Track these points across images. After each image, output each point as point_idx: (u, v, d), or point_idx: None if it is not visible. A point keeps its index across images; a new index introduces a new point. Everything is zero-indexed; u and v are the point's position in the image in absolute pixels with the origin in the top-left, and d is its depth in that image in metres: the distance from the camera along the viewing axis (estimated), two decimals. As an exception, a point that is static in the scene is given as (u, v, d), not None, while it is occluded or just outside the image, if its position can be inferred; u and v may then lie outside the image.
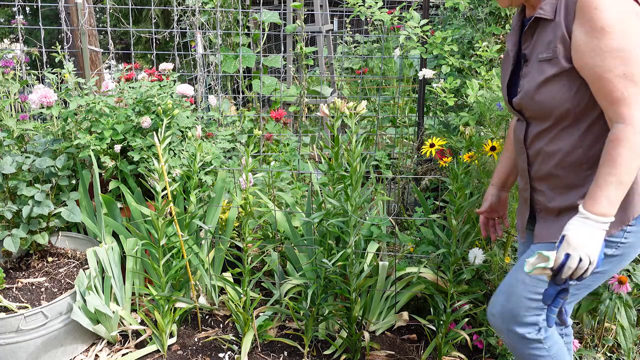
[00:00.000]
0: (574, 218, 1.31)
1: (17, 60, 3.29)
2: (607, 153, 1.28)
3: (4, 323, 2.15)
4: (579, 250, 1.28)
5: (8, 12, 8.18)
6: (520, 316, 1.52)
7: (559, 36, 1.35)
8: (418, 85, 3.28)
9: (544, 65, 1.39)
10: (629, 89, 1.26)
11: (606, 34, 1.26)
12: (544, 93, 1.40)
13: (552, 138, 1.43)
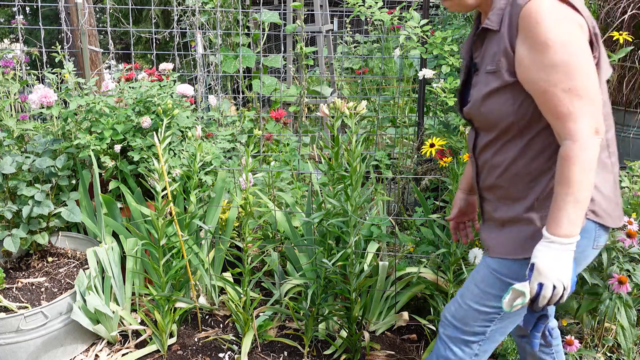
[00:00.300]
0: (540, 243, 1.28)
1: (17, 60, 3.29)
2: (560, 172, 1.26)
3: (4, 323, 2.15)
4: (550, 278, 1.25)
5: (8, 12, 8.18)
6: (468, 325, 1.52)
7: (502, 49, 1.32)
8: (418, 85, 3.28)
9: (489, 77, 1.37)
10: (575, 103, 1.23)
11: (549, 48, 1.23)
12: (489, 105, 1.38)
13: (498, 150, 1.42)
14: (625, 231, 2.06)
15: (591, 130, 1.24)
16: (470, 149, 1.53)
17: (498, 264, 1.46)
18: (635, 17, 2.89)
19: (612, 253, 2.10)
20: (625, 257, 2.11)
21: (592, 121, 1.24)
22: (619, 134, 3.05)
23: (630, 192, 2.55)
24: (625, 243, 2.06)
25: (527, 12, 1.26)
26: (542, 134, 1.34)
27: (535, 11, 1.24)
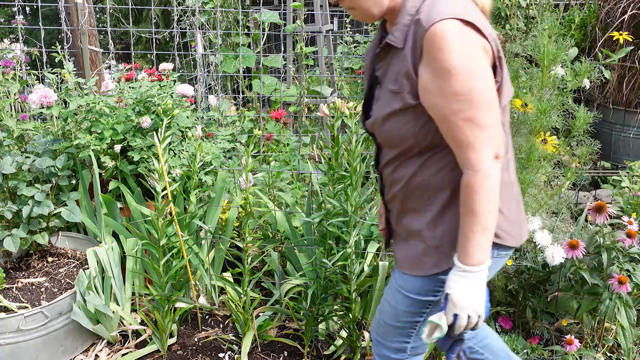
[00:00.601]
0: (453, 273, 1.28)
1: (17, 60, 3.29)
2: (466, 203, 1.25)
3: (4, 323, 2.15)
4: (465, 309, 1.26)
5: (8, 12, 8.18)
6: (388, 341, 1.53)
7: (405, 71, 1.26)
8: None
9: (392, 97, 1.31)
10: (475, 134, 1.21)
11: (452, 76, 1.18)
12: (390, 125, 1.34)
13: (398, 165, 1.39)
14: (625, 231, 2.06)
15: (492, 158, 1.23)
16: (374, 162, 1.50)
17: (402, 279, 1.46)
18: (635, 17, 2.89)
19: (612, 253, 2.10)
20: (625, 257, 2.11)
21: (493, 149, 1.23)
22: (619, 134, 3.06)
23: (630, 192, 2.55)
24: (625, 243, 2.06)
25: (431, 35, 1.19)
26: (442, 152, 1.32)
27: (440, 35, 1.18)
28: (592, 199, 3.28)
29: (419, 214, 1.40)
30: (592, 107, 3.04)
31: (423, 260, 1.40)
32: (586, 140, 2.14)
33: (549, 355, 2.29)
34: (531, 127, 2.14)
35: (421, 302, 1.44)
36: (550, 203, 2.25)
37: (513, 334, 2.31)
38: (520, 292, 2.37)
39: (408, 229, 1.43)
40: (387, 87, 1.33)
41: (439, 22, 1.19)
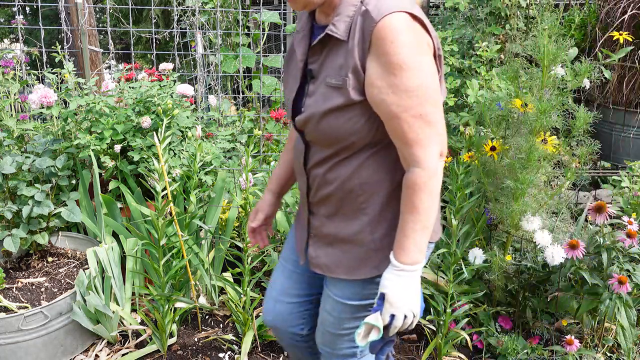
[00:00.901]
0: (388, 271, 1.25)
1: (17, 60, 3.29)
2: (409, 200, 1.22)
3: (4, 323, 2.15)
4: (402, 309, 1.23)
5: (8, 12, 8.18)
6: (337, 349, 1.50)
7: (352, 66, 1.20)
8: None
9: (332, 91, 1.24)
10: (425, 130, 1.19)
11: (403, 72, 1.15)
12: (328, 122, 1.26)
13: (332, 166, 1.32)
14: (625, 231, 2.06)
15: (438, 156, 1.22)
16: (301, 162, 1.39)
17: (337, 288, 1.42)
18: (635, 17, 2.89)
19: (612, 253, 2.10)
20: (625, 257, 2.11)
21: (439, 146, 1.21)
22: (619, 134, 3.06)
23: (630, 192, 2.55)
24: (625, 243, 2.06)
25: (382, 29, 1.15)
26: (380, 153, 1.29)
27: (391, 29, 1.14)
28: (592, 199, 3.28)
29: (352, 218, 1.34)
30: (592, 107, 3.04)
31: (362, 264, 1.35)
32: (586, 140, 2.14)
33: (549, 355, 2.29)
34: (531, 127, 2.14)
35: (363, 306, 1.41)
36: (550, 203, 2.25)
37: (513, 334, 2.31)
38: (520, 292, 2.37)
39: (336, 234, 1.37)
40: (326, 81, 1.25)
41: (390, 15, 1.15)
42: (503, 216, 2.24)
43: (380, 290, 1.25)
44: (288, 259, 1.61)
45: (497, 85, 2.37)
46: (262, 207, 1.66)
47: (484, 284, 2.40)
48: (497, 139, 2.24)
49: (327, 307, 1.47)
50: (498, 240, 2.41)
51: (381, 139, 1.27)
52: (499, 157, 2.22)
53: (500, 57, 2.74)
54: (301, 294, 1.60)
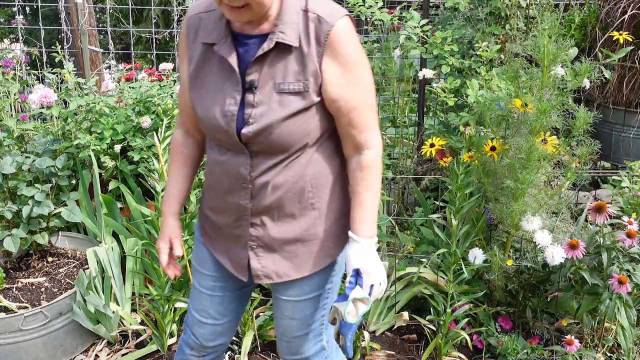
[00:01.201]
0: (354, 249, 1.33)
1: (17, 60, 3.29)
2: (366, 180, 1.35)
3: (4, 323, 2.15)
4: (377, 277, 1.32)
5: (8, 12, 8.18)
6: (307, 351, 1.52)
7: (312, 70, 1.26)
8: (418, 85, 3.28)
9: (289, 98, 1.27)
10: (373, 116, 1.36)
11: (357, 67, 1.29)
12: (287, 128, 1.28)
13: (281, 171, 1.33)
14: (625, 231, 2.06)
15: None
16: (245, 176, 1.34)
17: (294, 289, 1.44)
18: (635, 17, 2.89)
19: (612, 253, 2.10)
20: (625, 257, 2.11)
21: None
22: (619, 134, 3.05)
23: (630, 192, 2.55)
24: (625, 243, 2.06)
25: (338, 32, 1.25)
26: (323, 146, 1.37)
27: (345, 32, 1.26)
28: (592, 199, 3.28)
29: (301, 216, 1.38)
30: (592, 107, 3.04)
31: (317, 257, 1.41)
32: (586, 140, 2.14)
33: (549, 355, 2.29)
34: (531, 127, 2.14)
35: (321, 295, 1.47)
36: (550, 203, 2.25)
37: (513, 334, 2.31)
38: (520, 292, 2.37)
39: (284, 238, 1.39)
40: (279, 88, 1.27)
41: (342, 19, 1.26)
42: (503, 216, 2.24)
43: (354, 266, 1.33)
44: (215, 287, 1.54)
45: (497, 85, 2.37)
46: (174, 233, 1.52)
47: (484, 284, 2.40)
48: (497, 139, 2.24)
49: (286, 313, 1.48)
50: (498, 240, 2.41)
51: (324, 133, 1.36)
52: (499, 157, 2.22)
53: (500, 57, 2.74)
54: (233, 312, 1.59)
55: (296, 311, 1.47)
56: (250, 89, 1.29)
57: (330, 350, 1.57)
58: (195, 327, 1.58)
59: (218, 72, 1.33)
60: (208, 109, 1.33)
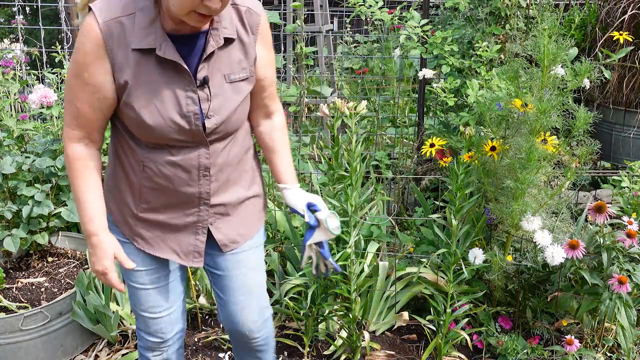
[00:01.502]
0: (295, 192, 1.61)
1: (17, 60, 3.29)
2: (283, 138, 1.64)
3: (4, 323, 2.15)
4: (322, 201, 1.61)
5: (8, 12, 8.18)
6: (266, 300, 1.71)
7: (252, 56, 1.44)
8: (418, 85, 3.28)
9: (240, 85, 1.43)
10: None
11: (272, 47, 1.52)
12: (240, 111, 1.46)
13: (232, 146, 1.50)
14: (625, 231, 2.06)
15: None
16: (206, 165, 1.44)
17: (252, 240, 1.63)
18: (635, 17, 2.89)
19: (612, 253, 2.10)
20: (625, 257, 2.11)
21: None
22: (619, 134, 3.05)
23: (630, 192, 2.55)
24: (625, 243, 2.06)
25: (264, 21, 1.45)
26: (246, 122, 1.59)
27: (266, 19, 1.47)
28: (592, 199, 3.28)
29: (241, 181, 1.57)
30: (592, 107, 3.03)
31: (262, 210, 1.67)
32: (586, 140, 2.14)
33: (549, 355, 2.29)
34: (531, 127, 2.14)
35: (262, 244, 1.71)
36: (550, 203, 2.24)
37: (513, 334, 2.31)
38: (520, 292, 2.37)
39: (234, 201, 1.56)
40: (230, 79, 1.41)
41: (262, 8, 1.47)
42: (503, 216, 2.24)
43: (305, 202, 1.59)
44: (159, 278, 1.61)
45: (497, 85, 2.37)
46: (115, 247, 1.48)
47: (484, 284, 2.40)
48: (497, 139, 2.24)
49: (251, 265, 1.63)
50: (498, 240, 2.41)
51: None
52: (499, 157, 2.22)
53: (500, 57, 2.74)
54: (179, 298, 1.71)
55: (259, 258, 1.67)
56: (202, 85, 1.37)
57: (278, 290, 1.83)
58: (151, 326, 1.67)
59: (160, 76, 1.34)
60: (162, 115, 1.36)
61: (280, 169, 1.63)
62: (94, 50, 1.32)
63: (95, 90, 1.36)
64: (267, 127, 1.62)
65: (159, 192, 1.47)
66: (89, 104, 1.38)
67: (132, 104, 1.36)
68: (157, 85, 1.35)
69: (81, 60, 1.33)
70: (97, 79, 1.34)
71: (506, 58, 2.70)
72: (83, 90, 1.36)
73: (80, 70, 1.34)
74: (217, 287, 1.66)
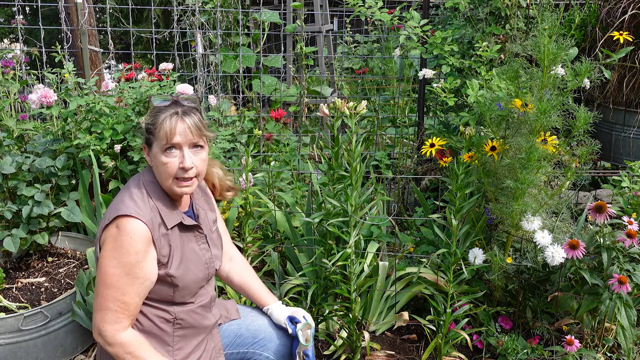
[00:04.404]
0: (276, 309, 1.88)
1: (17, 60, 3.29)
2: (249, 269, 2.01)
3: (4, 323, 2.15)
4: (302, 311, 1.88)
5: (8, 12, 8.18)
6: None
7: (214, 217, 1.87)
8: (418, 85, 3.28)
9: (217, 233, 1.87)
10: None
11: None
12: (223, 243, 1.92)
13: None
14: (626, 231, 2.06)
15: None
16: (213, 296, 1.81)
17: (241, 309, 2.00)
18: (635, 17, 2.89)
19: (612, 253, 2.10)
20: (625, 257, 2.11)
21: None
22: (619, 134, 3.05)
23: (631, 192, 2.54)
24: (626, 243, 2.06)
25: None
26: None
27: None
28: (592, 199, 3.28)
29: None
30: (592, 107, 3.03)
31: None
32: (586, 140, 2.14)
33: (549, 355, 2.29)
34: (531, 127, 2.14)
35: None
36: (550, 203, 2.24)
37: (513, 334, 2.31)
38: (520, 292, 2.37)
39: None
40: (213, 232, 1.83)
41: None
42: (503, 216, 2.24)
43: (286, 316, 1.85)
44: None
45: (497, 85, 2.36)
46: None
47: (484, 284, 2.40)
48: (497, 139, 2.24)
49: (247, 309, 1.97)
50: (498, 240, 2.41)
51: None
52: (499, 157, 2.22)
53: (500, 57, 2.74)
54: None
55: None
56: (205, 238, 1.77)
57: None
58: None
59: (187, 240, 1.70)
60: (194, 274, 1.69)
61: (259, 296, 1.93)
62: (145, 248, 1.56)
63: (145, 280, 1.58)
64: (233, 268, 1.95)
65: (189, 336, 1.72)
66: (137, 295, 1.58)
67: (172, 273, 1.62)
68: (183, 247, 1.67)
69: (133, 260, 1.54)
70: (147, 269, 1.57)
71: (506, 58, 2.70)
72: (133, 284, 1.55)
73: (131, 269, 1.54)
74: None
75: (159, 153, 1.61)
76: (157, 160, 1.62)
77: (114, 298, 1.53)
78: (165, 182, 1.63)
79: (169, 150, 1.60)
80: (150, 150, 1.65)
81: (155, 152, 1.63)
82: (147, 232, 1.56)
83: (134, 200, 1.59)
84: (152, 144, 1.63)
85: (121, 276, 1.53)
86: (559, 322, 2.37)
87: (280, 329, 1.85)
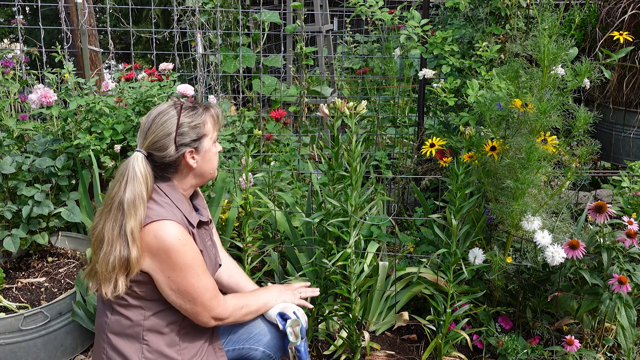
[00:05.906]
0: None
1: (17, 60, 3.29)
2: (238, 269, 2.10)
3: (4, 323, 2.15)
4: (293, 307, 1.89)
5: (8, 12, 8.18)
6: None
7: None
8: (418, 85, 3.28)
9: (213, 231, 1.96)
10: None
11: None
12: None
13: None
14: (626, 231, 2.06)
15: None
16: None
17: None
18: (635, 16, 2.89)
19: (612, 253, 2.10)
20: (625, 257, 2.11)
21: None
22: (619, 134, 3.05)
23: (631, 192, 2.54)
24: (626, 243, 2.06)
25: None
26: None
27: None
28: (592, 199, 3.28)
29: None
30: (592, 107, 3.03)
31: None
32: (586, 140, 2.14)
33: (549, 355, 2.29)
34: (531, 127, 2.14)
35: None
36: (550, 203, 2.24)
37: (513, 334, 2.31)
38: (520, 292, 2.37)
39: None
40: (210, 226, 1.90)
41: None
42: (503, 216, 2.24)
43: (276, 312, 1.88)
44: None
45: (497, 85, 2.36)
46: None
47: (484, 284, 2.40)
48: (497, 139, 2.24)
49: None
50: (498, 240, 2.41)
51: None
52: (499, 157, 2.22)
53: (500, 57, 2.74)
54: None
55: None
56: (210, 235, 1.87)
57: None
58: None
59: (199, 235, 1.75)
60: (211, 263, 1.80)
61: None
62: (192, 242, 1.66)
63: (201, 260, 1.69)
64: (222, 270, 1.99)
65: (193, 334, 1.75)
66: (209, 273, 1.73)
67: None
68: (200, 243, 1.73)
69: (198, 256, 1.65)
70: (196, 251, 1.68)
71: (506, 58, 2.70)
72: (205, 271, 1.68)
73: (200, 262, 1.66)
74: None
75: (210, 146, 1.71)
76: (209, 154, 1.71)
77: (204, 288, 1.65)
78: (213, 174, 1.75)
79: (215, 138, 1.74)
80: (198, 152, 1.69)
81: (207, 148, 1.70)
82: (185, 232, 1.65)
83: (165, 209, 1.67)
84: (202, 142, 1.69)
85: (199, 275, 1.64)
86: (559, 322, 2.37)
87: (273, 323, 1.88)
